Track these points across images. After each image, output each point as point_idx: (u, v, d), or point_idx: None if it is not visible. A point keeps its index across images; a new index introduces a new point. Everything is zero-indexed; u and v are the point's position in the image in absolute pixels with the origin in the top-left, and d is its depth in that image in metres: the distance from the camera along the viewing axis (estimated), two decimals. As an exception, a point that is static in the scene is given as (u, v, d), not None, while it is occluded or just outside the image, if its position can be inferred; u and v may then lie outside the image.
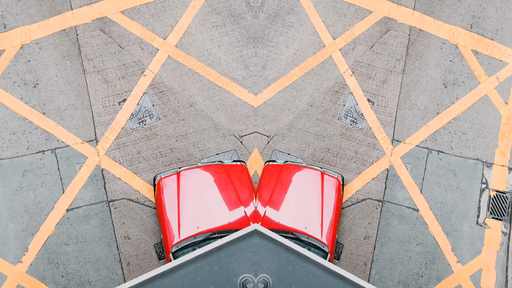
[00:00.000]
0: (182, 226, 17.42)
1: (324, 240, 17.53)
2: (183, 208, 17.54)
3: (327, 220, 17.71)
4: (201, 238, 17.28)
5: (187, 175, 17.98)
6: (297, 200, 17.84)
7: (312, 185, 18.02)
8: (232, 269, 13.86)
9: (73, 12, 19.59)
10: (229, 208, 17.65)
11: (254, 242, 13.98)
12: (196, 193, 17.74)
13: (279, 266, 13.90)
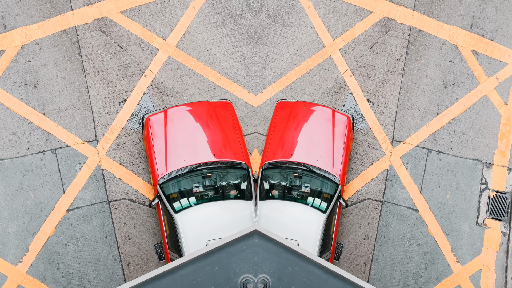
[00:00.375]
0: (169, 159, 17.68)
1: (335, 172, 17.80)
2: (170, 143, 17.82)
3: (338, 154, 18.02)
4: (187, 170, 17.44)
5: (174, 112, 18.26)
6: (308, 135, 18.17)
7: (323, 121, 18.35)
8: (233, 269, 13.88)
9: (73, 13, 19.60)
10: (215, 143, 17.90)
11: (254, 243, 14.00)
12: (183, 129, 18.01)
13: (278, 266, 13.91)
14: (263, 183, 17.69)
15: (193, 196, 17.22)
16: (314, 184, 17.64)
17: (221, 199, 17.27)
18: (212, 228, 16.88)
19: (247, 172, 17.69)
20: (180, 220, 17.01)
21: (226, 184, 17.43)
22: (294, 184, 17.67)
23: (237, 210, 17.15)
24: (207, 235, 16.86)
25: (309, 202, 17.46)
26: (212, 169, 17.48)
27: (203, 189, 17.32)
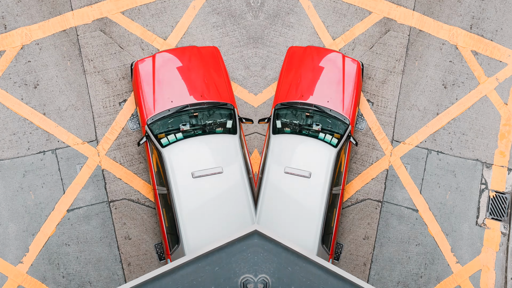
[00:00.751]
0: (157, 101, 18.03)
1: (346, 113, 18.15)
2: (158, 86, 18.18)
3: (348, 96, 18.36)
4: (174, 111, 17.81)
5: (162, 57, 18.57)
6: (319, 78, 18.48)
7: (334, 65, 18.67)
8: (233, 270, 13.89)
9: (73, 13, 19.61)
10: (201, 85, 18.26)
11: (254, 243, 14.00)
12: (170, 72, 18.36)
13: (278, 266, 13.92)
14: (275, 122, 17.98)
15: (180, 133, 17.62)
16: (325, 124, 17.97)
17: None
18: (198, 159, 17.23)
19: (232, 111, 17.98)
20: (167, 153, 17.32)
21: (212, 122, 17.74)
22: (306, 123, 17.96)
23: (222, 143, 17.46)
24: (193, 167, 17.13)
25: (321, 137, 17.77)
26: (199, 109, 17.86)
27: (189, 127, 17.66)
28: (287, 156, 17.43)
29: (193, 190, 16.97)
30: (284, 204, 17.09)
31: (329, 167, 17.37)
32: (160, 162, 17.38)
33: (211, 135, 17.51)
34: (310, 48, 19.01)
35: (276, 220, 17.04)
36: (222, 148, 17.34)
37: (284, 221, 17.02)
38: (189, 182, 17.03)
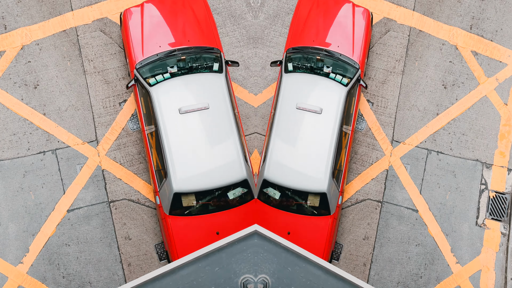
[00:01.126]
0: (146, 46, 18.44)
1: (355, 58, 18.57)
2: (146, 32, 18.57)
3: (358, 41, 18.77)
4: (162, 55, 18.21)
5: (150, 5, 18.94)
6: (330, 24, 18.90)
7: (344, 12, 19.06)
8: (233, 270, 13.90)
9: (73, 13, 19.62)
10: (189, 31, 18.66)
11: (254, 243, 14.02)
12: (158, 19, 18.72)
13: (278, 266, 13.93)
14: (287, 64, 18.34)
15: (167, 73, 18.02)
16: (335, 67, 18.35)
17: None
18: (185, 97, 17.65)
19: (218, 55, 18.31)
20: (155, 91, 17.73)
21: (199, 64, 18.13)
22: (317, 66, 18.32)
23: (208, 81, 17.84)
24: (180, 103, 17.55)
25: (331, 77, 18.23)
26: (186, 53, 18.22)
27: (177, 69, 18.04)
28: (299, 93, 17.91)
29: (180, 126, 17.41)
30: (296, 139, 17.60)
31: (340, 104, 17.84)
32: (148, 101, 17.80)
33: (197, 74, 17.91)
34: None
35: (288, 154, 17.53)
36: (208, 86, 17.75)
37: (295, 155, 17.53)
38: (176, 118, 17.47)
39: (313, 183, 17.40)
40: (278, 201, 17.60)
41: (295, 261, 13.94)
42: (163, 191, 17.35)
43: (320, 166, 17.47)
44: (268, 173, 17.52)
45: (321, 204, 17.48)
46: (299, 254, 13.92)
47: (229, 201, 17.41)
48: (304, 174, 17.43)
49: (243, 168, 17.36)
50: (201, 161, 17.23)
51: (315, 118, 17.74)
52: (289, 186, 17.44)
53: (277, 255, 13.94)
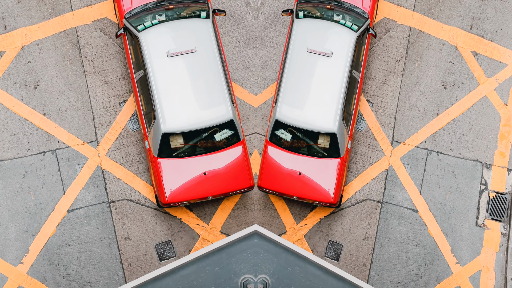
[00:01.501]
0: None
1: (364, 7, 18.94)
2: None
3: None
4: (152, 6, 18.53)
5: None
6: None
7: None
8: (233, 270, 13.90)
9: (73, 13, 19.61)
10: None
11: (254, 243, 14.02)
12: None
13: (278, 266, 13.94)
14: (298, 13, 18.71)
15: (155, 20, 18.35)
16: (345, 16, 18.70)
17: None
18: (173, 41, 18.06)
19: (206, 4, 18.67)
20: (143, 36, 18.09)
21: (186, 13, 18.50)
22: (327, 14, 18.70)
23: (195, 26, 18.24)
24: (168, 47, 17.99)
25: (342, 23, 18.58)
26: (174, 3, 18.59)
27: (165, 18, 18.36)
28: (310, 38, 18.32)
29: (168, 69, 17.86)
30: (307, 81, 18.07)
31: (350, 49, 18.25)
32: (137, 47, 18.14)
33: (185, 20, 18.27)
34: None
35: (299, 96, 17.99)
36: (196, 31, 18.16)
37: (306, 97, 17.98)
38: (164, 61, 17.91)
39: (323, 124, 17.88)
40: (289, 143, 18.09)
41: (295, 261, 13.94)
42: (152, 134, 17.81)
43: (331, 107, 17.94)
44: (280, 114, 17.98)
45: (331, 145, 17.97)
46: (299, 254, 13.93)
47: (216, 143, 17.87)
48: (314, 115, 17.93)
49: (229, 109, 17.80)
50: (189, 102, 17.73)
51: (326, 61, 18.20)
52: (300, 127, 17.94)
53: (277, 255, 13.94)
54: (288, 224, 19.01)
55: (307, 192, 17.99)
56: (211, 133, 17.79)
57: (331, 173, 18.02)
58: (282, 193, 18.11)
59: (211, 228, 18.92)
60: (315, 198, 18.00)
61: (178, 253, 18.83)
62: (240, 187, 17.94)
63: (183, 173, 17.75)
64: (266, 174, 18.10)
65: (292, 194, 18.03)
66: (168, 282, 13.78)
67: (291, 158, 18.11)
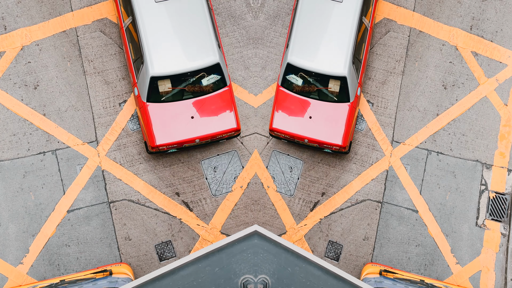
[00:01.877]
0: None
1: None
2: None
3: None
4: None
5: None
6: None
7: None
8: (233, 270, 13.90)
9: (73, 14, 19.62)
10: None
11: (254, 243, 14.02)
12: None
13: (278, 267, 13.93)
14: None
15: None
16: None
17: None
18: None
19: None
20: None
21: None
22: None
23: None
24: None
25: None
26: None
27: None
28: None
29: (156, 14, 18.25)
30: (318, 26, 18.53)
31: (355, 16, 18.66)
32: None
33: None
34: None
35: (311, 40, 18.42)
36: None
37: (318, 41, 18.42)
38: (152, 7, 18.32)
39: (334, 67, 18.30)
40: (300, 87, 18.50)
41: (295, 262, 13.94)
42: (141, 79, 18.13)
43: (341, 51, 18.35)
44: (291, 57, 18.44)
45: (341, 90, 18.35)
46: (299, 255, 13.92)
47: (204, 87, 18.28)
48: (325, 58, 18.33)
49: (215, 53, 18.26)
50: (176, 47, 18.18)
51: (337, 6, 18.62)
52: (311, 70, 18.35)
53: (277, 256, 13.94)
54: (288, 224, 19.02)
55: (318, 135, 18.37)
56: (199, 78, 18.23)
57: (341, 117, 18.41)
58: (293, 137, 18.48)
59: (211, 228, 18.93)
60: (325, 141, 18.34)
61: (178, 254, 18.83)
62: (226, 129, 18.30)
63: (171, 117, 18.19)
64: (277, 117, 18.51)
65: (302, 137, 18.38)
66: (168, 282, 13.78)
67: (302, 103, 18.51)
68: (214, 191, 19.06)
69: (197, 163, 19.14)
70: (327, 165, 19.24)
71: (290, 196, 19.11)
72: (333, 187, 19.16)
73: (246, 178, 19.13)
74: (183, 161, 19.12)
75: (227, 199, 19.04)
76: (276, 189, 19.11)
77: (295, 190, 19.14)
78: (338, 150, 18.49)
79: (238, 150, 19.26)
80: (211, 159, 19.16)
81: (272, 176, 19.17)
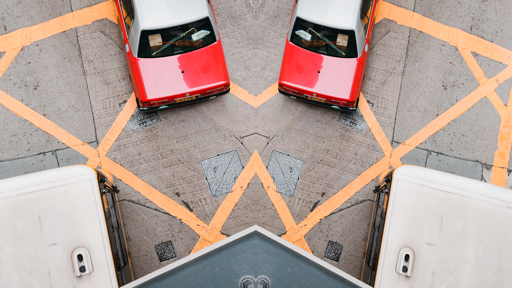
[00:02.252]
0: None
1: None
2: None
3: None
4: None
5: None
6: None
7: None
8: (233, 270, 13.90)
9: (73, 14, 19.63)
10: None
11: (254, 243, 14.02)
12: None
13: (278, 267, 13.94)
14: None
15: None
16: None
17: None
18: None
19: None
20: None
21: None
22: None
23: None
24: None
25: None
26: None
27: None
28: None
29: None
30: None
31: None
32: None
33: None
34: None
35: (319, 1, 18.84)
36: None
37: (326, 3, 18.77)
38: None
39: (342, 21, 18.59)
40: (309, 42, 18.83)
41: (295, 262, 13.95)
42: (132, 34, 18.46)
43: (349, 6, 18.65)
44: (300, 12, 18.75)
45: (349, 44, 18.66)
46: (299, 255, 13.93)
47: (193, 42, 18.67)
48: (334, 12, 18.63)
49: (205, 7, 18.61)
50: (166, 1, 18.54)
51: None
52: (319, 23, 18.65)
53: (277, 256, 13.94)
54: (288, 224, 19.03)
55: (325, 90, 18.64)
56: (188, 33, 18.57)
57: (349, 72, 18.72)
58: (302, 91, 18.75)
59: (211, 228, 18.94)
60: (333, 96, 18.61)
61: (178, 254, 18.84)
62: (216, 84, 18.62)
63: (162, 71, 18.53)
64: (286, 72, 18.83)
65: (311, 92, 18.64)
66: (168, 282, 13.78)
67: (311, 58, 18.82)
68: (214, 192, 19.07)
69: (197, 163, 19.16)
70: (327, 165, 19.26)
71: (290, 197, 19.12)
72: (333, 187, 19.17)
73: (246, 178, 19.15)
74: (183, 161, 19.14)
75: (227, 199, 19.06)
76: (276, 189, 19.13)
77: (295, 190, 19.16)
78: (345, 106, 18.79)
79: (238, 150, 19.28)
80: (211, 159, 19.18)
81: (272, 176, 19.19)
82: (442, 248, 15.27)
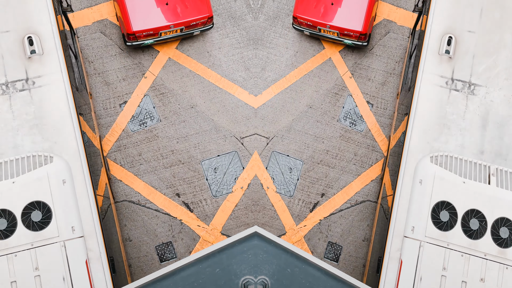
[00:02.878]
0: None
1: None
2: None
3: None
4: None
5: None
6: None
7: None
8: (234, 271, 13.93)
9: (73, 15, 19.66)
10: None
11: (254, 244, 14.05)
12: None
13: (277, 268, 13.96)
14: None
15: None
16: None
17: None
18: None
19: None
20: None
21: None
22: None
23: None
24: None
25: None
26: None
27: None
28: None
29: None
30: None
31: None
32: None
33: None
34: None
35: None
36: None
37: None
38: None
39: None
40: None
41: (295, 263, 13.97)
42: None
43: None
44: None
45: None
46: (299, 256, 13.96)
47: None
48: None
49: None
50: None
51: None
52: None
53: (277, 257, 13.97)
54: (287, 225, 19.06)
55: (339, 21, 19.12)
56: None
57: (362, 4, 19.23)
58: (315, 24, 19.21)
59: (212, 229, 18.97)
60: (346, 27, 19.02)
61: (179, 255, 18.87)
62: (199, 15, 19.01)
63: (147, 4, 19.02)
64: (301, 5, 19.32)
65: (324, 24, 19.11)
66: (168, 283, 13.81)
67: None
68: (215, 192, 19.10)
69: (197, 164, 19.19)
70: (327, 166, 19.29)
71: (290, 197, 19.15)
72: (332, 188, 19.20)
73: (247, 179, 19.18)
74: (184, 162, 19.17)
75: (227, 200, 19.09)
76: (275, 190, 19.16)
77: (294, 191, 19.19)
78: (357, 40, 19.16)
79: (239, 151, 19.31)
80: (211, 160, 19.21)
81: (271, 177, 19.22)
82: (481, 35, 15.83)
